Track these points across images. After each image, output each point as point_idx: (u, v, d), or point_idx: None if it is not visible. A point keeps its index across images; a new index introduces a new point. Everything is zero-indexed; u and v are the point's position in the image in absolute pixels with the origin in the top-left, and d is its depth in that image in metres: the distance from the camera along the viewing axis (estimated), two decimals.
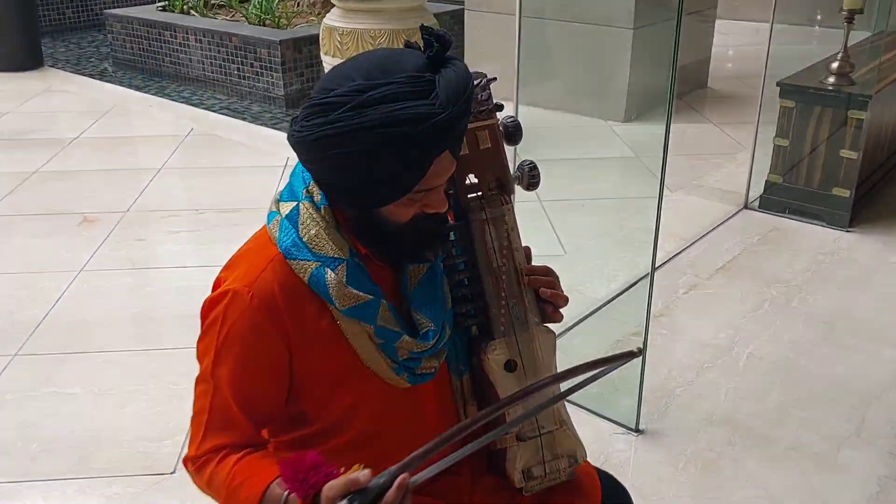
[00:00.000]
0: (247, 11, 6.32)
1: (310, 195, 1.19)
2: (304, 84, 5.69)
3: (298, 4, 6.56)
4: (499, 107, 1.32)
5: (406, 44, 1.19)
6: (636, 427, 2.43)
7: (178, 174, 4.51)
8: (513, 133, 1.34)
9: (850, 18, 3.72)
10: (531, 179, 1.37)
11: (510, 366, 1.30)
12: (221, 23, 6.20)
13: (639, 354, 1.14)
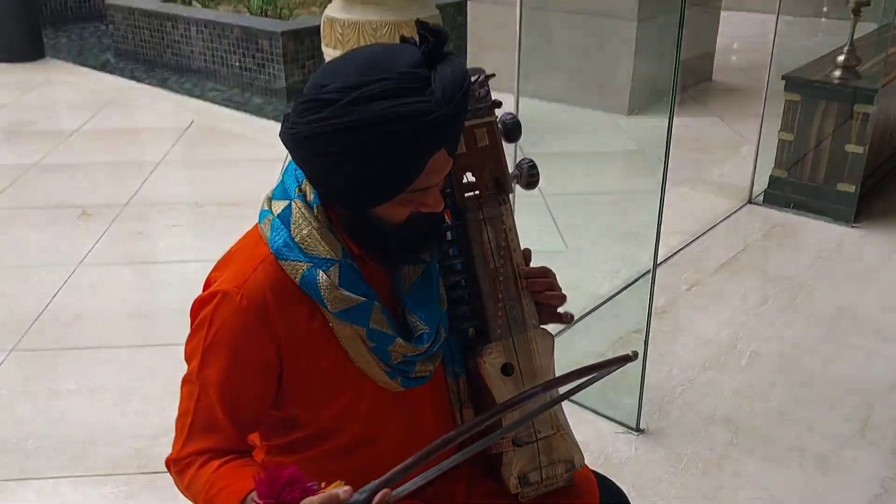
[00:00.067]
0: (248, 2, 6.29)
1: (302, 194, 1.17)
2: (306, 76, 5.65)
3: None
4: (497, 104, 1.29)
5: (401, 39, 1.16)
6: (637, 426, 2.41)
7: (179, 167, 4.48)
8: (511, 130, 1.31)
9: (857, 10, 3.68)
10: (530, 178, 1.34)
11: (507, 369, 1.27)
12: (223, 14, 6.16)
13: (634, 358, 1.11)
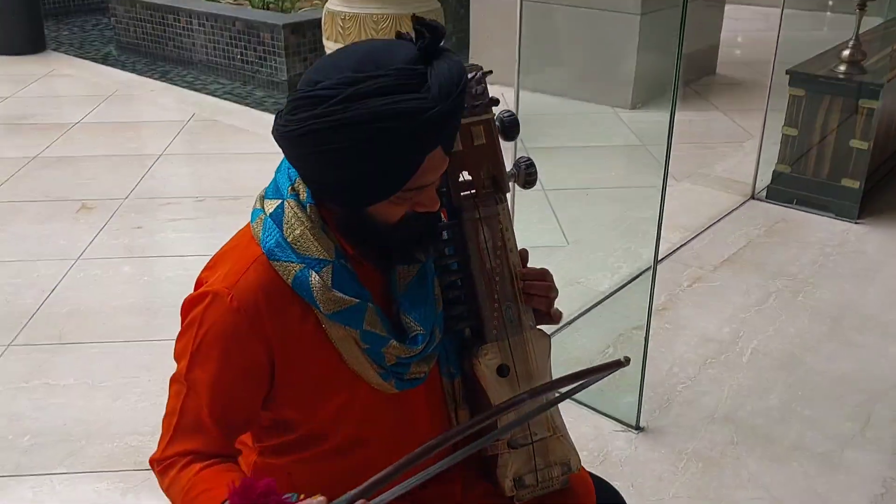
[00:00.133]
0: None
1: (295, 193, 1.15)
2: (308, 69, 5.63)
3: None
4: (494, 101, 1.27)
5: (397, 34, 1.14)
6: (636, 424, 2.39)
7: (179, 160, 4.46)
8: (509, 128, 1.29)
9: (863, 4, 3.65)
10: (528, 177, 1.32)
11: (503, 371, 1.25)
12: (225, 6, 6.14)
13: (626, 364, 1.09)
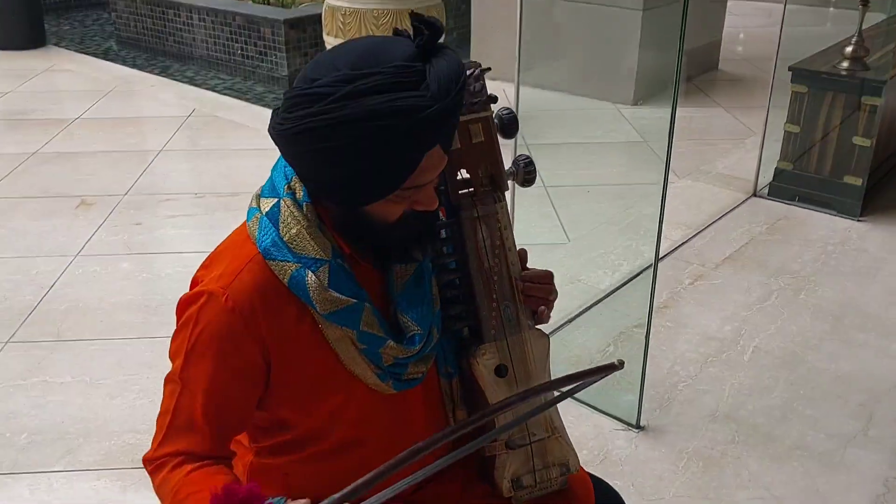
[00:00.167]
0: None
1: (292, 191, 1.14)
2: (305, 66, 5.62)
3: None
4: (493, 98, 1.26)
5: (395, 31, 1.13)
6: (637, 423, 2.38)
7: (179, 156, 4.45)
8: (508, 126, 1.28)
9: (866, 1, 3.62)
10: (527, 175, 1.31)
11: (501, 371, 1.24)
12: (225, 1, 6.11)
13: (620, 367, 1.08)
